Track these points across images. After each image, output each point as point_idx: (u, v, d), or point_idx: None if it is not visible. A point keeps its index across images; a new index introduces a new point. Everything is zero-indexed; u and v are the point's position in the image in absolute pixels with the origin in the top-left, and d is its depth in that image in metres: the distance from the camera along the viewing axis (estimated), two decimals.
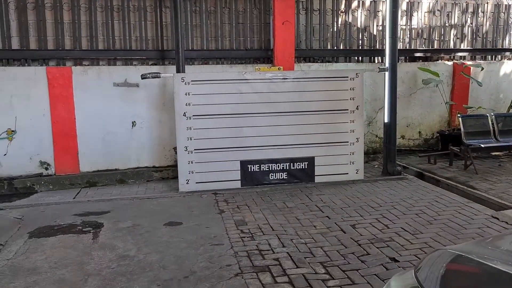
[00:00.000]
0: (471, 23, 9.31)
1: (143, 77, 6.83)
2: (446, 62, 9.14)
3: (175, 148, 7.28)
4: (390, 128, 7.37)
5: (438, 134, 9.07)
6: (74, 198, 6.83)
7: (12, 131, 7.20)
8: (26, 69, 7.21)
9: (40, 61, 7.35)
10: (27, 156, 7.31)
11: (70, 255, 4.53)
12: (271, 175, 6.88)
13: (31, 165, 7.34)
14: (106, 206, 6.15)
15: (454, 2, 9.11)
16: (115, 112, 7.52)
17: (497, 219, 5.23)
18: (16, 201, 6.78)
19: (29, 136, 7.25)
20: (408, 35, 9.00)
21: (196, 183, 6.72)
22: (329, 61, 8.53)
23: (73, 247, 4.72)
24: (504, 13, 9.43)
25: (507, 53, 9.57)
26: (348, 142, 7.03)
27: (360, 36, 8.75)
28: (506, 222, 5.10)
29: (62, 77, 7.24)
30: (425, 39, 9.13)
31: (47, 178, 7.38)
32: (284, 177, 6.92)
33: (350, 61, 8.68)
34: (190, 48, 7.84)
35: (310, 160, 6.95)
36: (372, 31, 8.78)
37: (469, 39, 9.36)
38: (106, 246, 4.75)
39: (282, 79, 6.83)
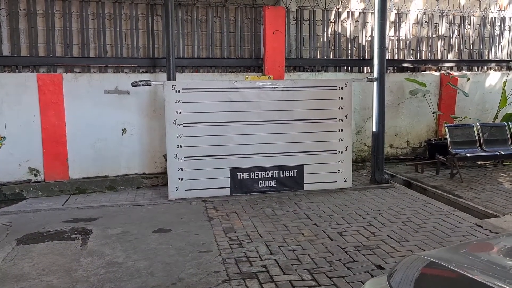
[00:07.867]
0: (458, 35, 9.49)
1: (134, 84, 6.87)
2: (434, 72, 9.30)
3: (165, 156, 7.31)
4: (378, 137, 7.48)
5: (425, 143, 9.20)
6: (63, 204, 6.82)
7: (2, 137, 7.17)
8: (16, 76, 7.21)
9: (31, 67, 7.36)
10: (16, 162, 7.29)
11: (58, 261, 4.54)
12: (260, 182, 6.94)
13: (20, 171, 7.33)
14: (95, 213, 6.16)
15: (441, 14, 9.29)
16: (106, 119, 7.53)
17: (481, 227, 5.33)
18: (5, 207, 6.75)
19: (18, 142, 7.23)
20: (396, 46, 9.15)
21: (186, 190, 6.75)
22: (318, 71, 8.64)
23: (62, 254, 4.73)
24: (489, 25, 9.63)
25: (493, 64, 9.77)
26: (336, 150, 7.12)
27: (350, 46, 8.88)
28: (490, 230, 5.20)
29: (52, 83, 7.26)
30: (413, 49, 9.28)
31: (36, 184, 7.36)
32: (273, 185, 6.98)
33: (339, 71, 8.79)
34: (181, 56, 7.90)
35: (299, 168, 7.03)
36: (361, 42, 8.92)
37: (456, 50, 9.54)
38: (95, 252, 4.76)
39: (272, 88, 6.91)
